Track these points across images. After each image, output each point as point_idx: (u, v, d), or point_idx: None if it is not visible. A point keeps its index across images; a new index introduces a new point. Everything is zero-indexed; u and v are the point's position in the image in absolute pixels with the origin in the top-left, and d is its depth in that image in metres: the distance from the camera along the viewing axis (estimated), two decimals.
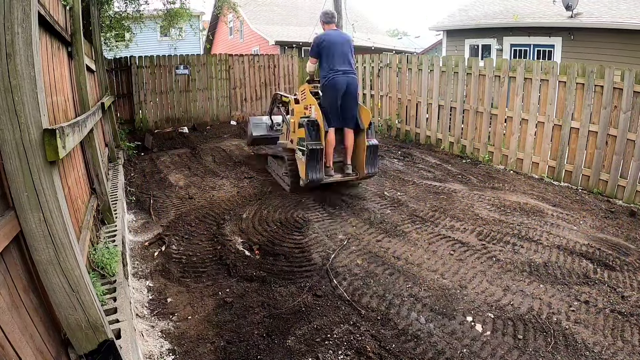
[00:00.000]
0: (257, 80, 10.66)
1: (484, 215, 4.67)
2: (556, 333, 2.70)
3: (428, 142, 8.24)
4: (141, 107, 9.30)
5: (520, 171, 6.56)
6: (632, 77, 5.09)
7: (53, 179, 1.47)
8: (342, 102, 4.86)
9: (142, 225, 4.53)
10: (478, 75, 7.03)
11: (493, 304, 3.02)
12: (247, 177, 6.26)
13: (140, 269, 3.56)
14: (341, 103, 4.86)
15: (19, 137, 1.38)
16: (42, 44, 2.38)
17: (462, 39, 12.88)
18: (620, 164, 5.33)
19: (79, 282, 1.55)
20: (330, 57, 4.80)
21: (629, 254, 3.81)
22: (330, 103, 4.86)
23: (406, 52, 19.97)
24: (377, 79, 9.37)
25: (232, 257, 3.71)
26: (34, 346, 1.39)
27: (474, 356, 2.49)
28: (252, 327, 2.77)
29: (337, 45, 4.82)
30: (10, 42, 1.35)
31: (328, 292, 3.17)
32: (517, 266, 3.56)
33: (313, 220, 4.49)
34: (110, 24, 9.42)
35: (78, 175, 3.08)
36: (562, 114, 5.94)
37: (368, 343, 2.59)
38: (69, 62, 3.51)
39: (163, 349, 2.56)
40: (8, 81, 1.35)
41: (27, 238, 1.45)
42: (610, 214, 4.85)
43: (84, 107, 3.56)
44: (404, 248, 3.88)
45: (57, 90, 2.72)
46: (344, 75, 4.77)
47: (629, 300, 3.08)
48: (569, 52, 10.26)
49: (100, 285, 2.43)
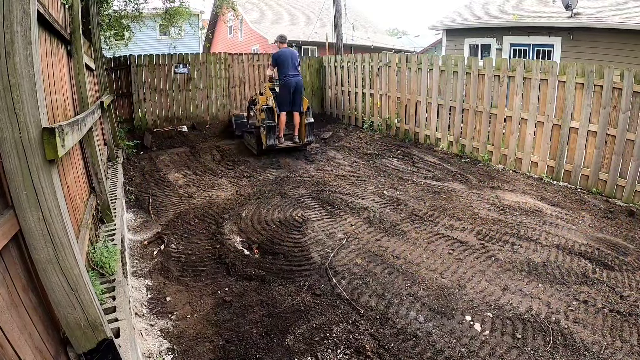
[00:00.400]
0: (256, 79, 10.64)
1: (483, 214, 4.67)
2: (555, 332, 2.70)
3: (427, 141, 8.24)
4: (140, 105, 9.27)
5: (519, 171, 6.57)
6: (632, 77, 5.10)
7: (52, 177, 1.47)
8: (293, 95, 7.21)
9: (141, 224, 4.53)
10: (477, 74, 7.03)
11: (492, 304, 3.02)
12: (247, 176, 6.26)
13: (140, 268, 3.56)
14: (292, 96, 7.21)
15: (18, 136, 1.38)
16: (42, 43, 2.38)
17: (462, 39, 12.87)
18: (619, 163, 5.33)
19: (78, 281, 1.55)
20: (284, 66, 7.18)
21: (627, 254, 3.82)
22: (284, 95, 7.18)
23: (406, 52, 19.98)
24: (377, 78, 9.37)
25: (231, 256, 3.71)
26: (33, 345, 1.39)
27: (473, 355, 2.50)
28: (251, 326, 2.77)
29: (287, 58, 7.20)
30: (10, 41, 1.35)
31: (327, 291, 3.17)
32: (516, 266, 3.56)
33: (312, 219, 4.49)
34: (109, 22, 9.41)
35: (77, 174, 3.08)
36: (561, 114, 5.94)
37: (367, 342, 2.59)
38: (68, 61, 3.51)
39: (162, 348, 2.56)
40: (7, 80, 1.34)
41: (26, 237, 1.45)
42: (609, 214, 4.85)
43: (83, 106, 3.56)
44: (403, 247, 3.89)
45: (56, 89, 2.72)
46: (293, 77, 7.17)
47: (627, 299, 3.09)
48: (569, 51, 10.27)
49: (99, 284, 2.43)
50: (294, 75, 7.17)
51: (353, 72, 10.15)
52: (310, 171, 6.51)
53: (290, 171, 6.52)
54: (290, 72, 7.12)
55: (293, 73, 7.16)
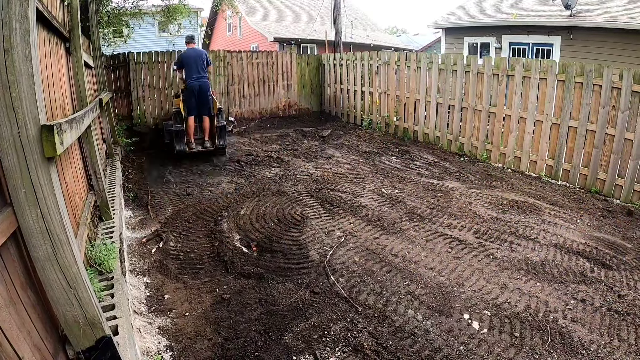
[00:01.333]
0: (255, 77, 10.63)
1: (481, 213, 4.68)
2: (553, 331, 2.71)
3: (426, 139, 8.24)
4: (139, 103, 9.25)
5: (518, 169, 6.57)
6: (631, 77, 5.10)
7: (51, 175, 1.47)
8: (198, 98, 6.84)
9: (139, 221, 4.52)
10: (477, 73, 7.03)
11: (490, 302, 3.03)
12: (245, 175, 6.26)
13: (138, 266, 3.56)
14: (198, 99, 6.85)
15: (17, 133, 1.38)
16: (40, 40, 2.37)
17: (461, 37, 12.86)
18: (618, 163, 5.34)
19: (76, 279, 1.54)
20: (189, 68, 6.82)
21: (625, 253, 3.83)
22: (189, 99, 6.86)
23: (405, 50, 19.96)
24: (376, 76, 9.36)
25: (229, 253, 3.71)
26: (31, 343, 1.39)
27: (471, 354, 2.50)
28: (250, 324, 2.77)
29: (191, 60, 6.81)
30: (8, 38, 1.34)
31: (325, 289, 3.18)
32: (515, 264, 3.57)
33: (310, 217, 4.50)
34: (108, 19, 9.36)
35: (76, 171, 3.07)
36: (560, 113, 5.95)
37: (365, 340, 2.60)
38: (67, 58, 3.50)
39: (160, 346, 2.56)
40: (6, 77, 1.34)
41: (25, 234, 1.45)
42: (608, 213, 4.87)
43: (82, 103, 3.54)
44: (402, 245, 3.89)
45: (54, 86, 2.71)
46: (196, 80, 6.76)
47: (625, 299, 3.10)
48: (568, 51, 10.27)
49: (98, 281, 2.43)
50: (198, 77, 6.78)
51: (352, 70, 10.14)
52: (309, 169, 6.51)
53: (289, 169, 6.52)
54: (194, 75, 6.77)
55: (197, 75, 6.78)
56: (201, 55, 6.94)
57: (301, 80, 11.27)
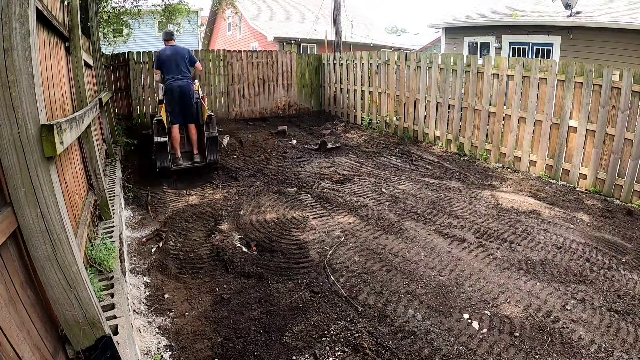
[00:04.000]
0: (255, 77, 10.62)
1: (481, 212, 4.68)
2: (552, 331, 2.71)
3: (426, 139, 8.24)
4: (139, 102, 9.25)
5: (517, 169, 6.57)
6: (631, 77, 5.10)
7: (50, 174, 1.47)
8: (179, 102, 5.86)
9: (139, 221, 4.52)
10: (476, 73, 7.03)
11: (490, 302, 3.03)
12: (245, 174, 6.25)
13: (138, 265, 3.56)
14: (179, 103, 5.86)
15: (17, 133, 1.38)
16: (40, 39, 2.37)
17: (461, 37, 12.85)
18: (617, 163, 5.34)
19: (76, 278, 1.54)
20: (167, 68, 5.85)
21: (625, 253, 3.83)
22: (171, 104, 5.86)
23: (405, 49, 19.97)
24: (376, 76, 9.36)
25: (229, 253, 3.71)
26: (31, 342, 1.39)
27: (471, 353, 2.50)
28: (249, 324, 2.77)
29: (169, 58, 5.85)
30: (8, 37, 1.34)
31: (325, 288, 3.18)
32: (514, 264, 3.57)
33: (310, 216, 4.49)
34: (108, 19, 9.37)
35: (75, 171, 3.07)
36: (560, 113, 5.95)
37: (365, 340, 2.60)
38: (67, 58, 3.49)
39: (160, 345, 2.56)
40: (5, 76, 1.34)
41: (25, 234, 1.45)
42: (607, 213, 4.87)
43: (82, 103, 3.54)
44: (401, 245, 3.89)
45: (54, 86, 2.71)
46: (176, 81, 5.80)
47: (625, 298, 3.10)
48: (568, 50, 10.27)
49: (98, 281, 2.43)
50: (178, 78, 5.81)
51: (352, 70, 10.14)
52: (308, 168, 6.51)
53: (288, 168, 6.52)
54: (173, 75, 5.81)
55: (177, 76, 5.81)
56: (181, 53, 5.95)
57: (301, 79, 11.26)
